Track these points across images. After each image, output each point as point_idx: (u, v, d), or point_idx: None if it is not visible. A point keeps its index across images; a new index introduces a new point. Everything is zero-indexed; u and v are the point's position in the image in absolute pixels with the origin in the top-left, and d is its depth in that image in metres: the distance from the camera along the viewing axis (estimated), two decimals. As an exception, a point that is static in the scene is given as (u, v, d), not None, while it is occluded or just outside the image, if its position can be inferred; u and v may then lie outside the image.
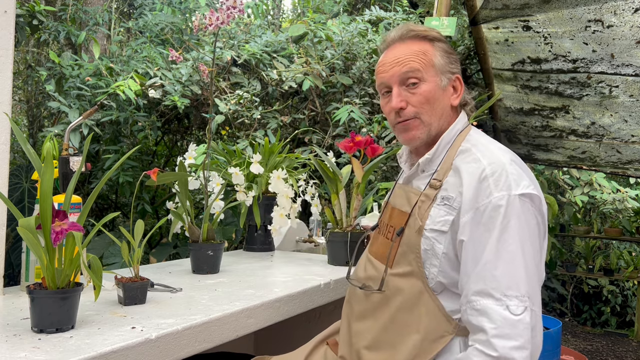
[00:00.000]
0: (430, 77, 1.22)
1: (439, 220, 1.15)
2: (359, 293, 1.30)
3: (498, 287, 1.05)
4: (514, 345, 1.01)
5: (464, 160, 1.18)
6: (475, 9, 2.82)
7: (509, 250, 1.07)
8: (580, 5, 2.42)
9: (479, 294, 1.07)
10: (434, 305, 1.15)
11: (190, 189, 1.74)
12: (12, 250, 3.01)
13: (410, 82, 1.22)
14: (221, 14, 1.56)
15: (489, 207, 1.09)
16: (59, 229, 1.02)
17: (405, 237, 1.20)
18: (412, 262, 1.18)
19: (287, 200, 1.88)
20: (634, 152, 4.13)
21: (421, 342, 1.13)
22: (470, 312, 1.08)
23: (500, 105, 3.93)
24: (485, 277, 1.07)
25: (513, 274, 1.06)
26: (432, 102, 1.23)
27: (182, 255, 3.39)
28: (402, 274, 1.19)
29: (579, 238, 6.24)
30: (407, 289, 1.18)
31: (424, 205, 1.19)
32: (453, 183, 1.17)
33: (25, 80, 5.40)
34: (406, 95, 1.23)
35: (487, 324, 1.04)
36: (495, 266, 1.07)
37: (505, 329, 1.03)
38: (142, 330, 1.06)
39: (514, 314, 1.03)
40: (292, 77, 3.44)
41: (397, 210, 1.27)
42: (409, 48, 1.24)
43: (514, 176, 1.12)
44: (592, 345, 5.32)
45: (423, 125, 1.24)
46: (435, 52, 1.24)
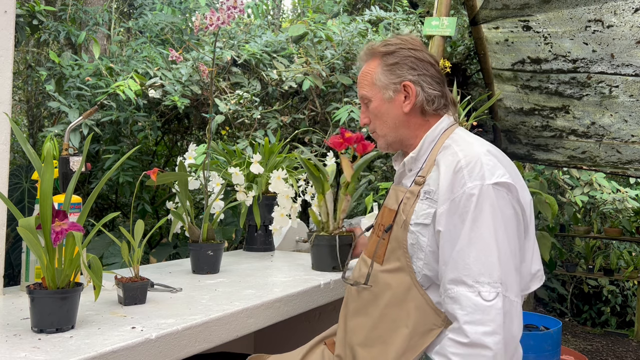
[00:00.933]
0: (375, 95, 1.34)
1: (422, 213, 1.20)
2: (353, 291, 1.34)
3: (470, 274, 1.08)
4: (485, 331, 1.03)
5: (444, 155, 1.24)
6: (475, 9, 2.82)
7: (481, 237, 1.09)
8: (580, 5, 2.42)
9: (453, 281, 1.10)
10: (423, 299, 1.18)
11: (190, 189, 1.74)
12: (12, 250, 3.01)
13: (365, 102, 1.38)
14: (221, 14, 1.56)
15: (463, 197, 1.12)
16: (59, 229, 1.02)
17: (394, 233, 1.25)
18: (401, 257, 1.22)
19: (288, 200, 1.88)
20: (634, 152, 4.13)
21: (410, 336, 1.16)
22: (446, 300, 1.12)
23: (500, 105, 3.93)
24: (458, 264, 1.10)
25: (485, 261, 1.08)
26: (381, 116, 1.35)
27: (182, 255, 3.38)
28: (392, 269, 1.23)
29: (579, 238, 6.24)
30: (395, 285, 1.22)
31: (409, 201, 1.24)
32: (434, 178, 1.22)
33: (25, 80, 5.40)
34: (367, 112, 1.39)
35: (459, 310, 1.07)
36: (468, 254, 1.09)
37: (476, 315, 1.05)
38: (142, 330, 1.06)
39: (486, 299, 1.05)
40: (292, 77, 3.44)
41: (388, 209, 1.33)
42: (363, 70, 1.39)
43: (489, 166, 1.14)
44: (592, 345, 5.32)
45: (381, 137, 1.38)
46: (378, 69, 1.35)
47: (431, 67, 1.32)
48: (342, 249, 1.73)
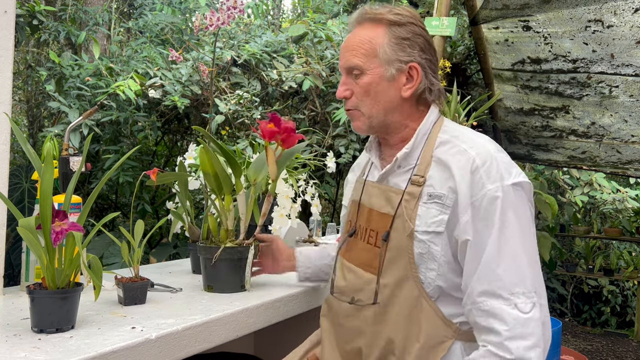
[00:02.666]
0: (372, 68, 1.17)
1: (433, 220, 1.09)
2: (347, 308, 1.20)
3: (504, 286, 1.02)
4: (527, 345, 0.99)
5: (448, 152, 1.13)
6: (475, 9, 2.82)
7: (509, 244, 1.03)
8: (580, 5, 2.42)
9: (485, 294, 1.03)
10: (432, 311, 1.10)
11: (190, 189, 1.74)
12: (12, 250, 3.01)
13: (354, 72, 1.19)
14: (221, 14, 1.56)
15: (484, 200, 1.05)
16: (59, 229, 1.02)
17: (394, 242, 1.12)
18: (404, 267, 1.11)
19: (287, 200, 1.87)
20: (634, 152, 4.13)
21: (422, 350, 1.09)
22: (477, 312, 1.04)
23: (500, 105, 3.93)
24: (488, 276, 1.03)
25: (517, 270, 1.02)
26: (373, 94, 1.18)
27: (182, 255, 3.38)
28: (395, 282, 1.12)
29: (579, 238, 6.24)
30: (402, 298, 1.11)
31: (409, 204, 1.12)
32: (439, 178, 1.11)
33: (25, 80, 5.40)
34: (351, 84, 1.21)
35: (499, 325, 1.01)
36: (498, 264, 1.03)
37: (517, 329, 0.99)
38: (142, 330, 1.06)
39: (523, 312, 1.00)
40: (292, 77, 3.44)
41: (376, 212, 1.18)
42: (359, 35, 1.19)
43: (504, 164, 1.08)
44: (592, 345, 5.32)
45: (364, 117, 1.20)
46: (384, 39, 1.17)
47: (435, 53, 1.22)
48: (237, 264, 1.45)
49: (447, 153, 1.13)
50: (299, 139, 1.34)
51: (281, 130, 1.30)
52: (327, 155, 2.11)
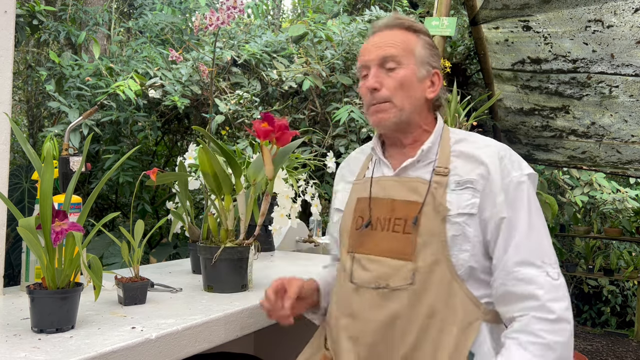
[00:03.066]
0: (408, 64, 1.24)
1: (467, 204, 1.18)
2: (370, 299, 1.20)
3: (538, 257, 1.14)
4: (565, 306, 1.10)
5: (470, 147, 1.24)
6: (475, 9, 2.82)
7: (536, 223, 1.17)
8: (580, 5, 2.42)
9: (520, 264, 1.14)
10: (463, 293, 1.16)
11: (190, 189, 1.74)
12: (12, 250, 3.01)
13: (388, 66, 1.24)
14: (221, 14, 1.56)
15: (511, 184, 1.18)
16: (59, 229, 1.02)
17: (425, 227, 1.18)
18: (437, 251, 1.16)
19: (287, 200, 1.87)
20: (634, 152, 4.13)
21: (458, 333, 1.14)
22: (512, 282, 1.14)
23: (500, 105, 3.93)
24: (523, 248, 1.14)
25: (544, 245, 1.16)
26: (407, 88, 1.24)
27: (182, 255, 3.39)
28: (429, 265, 1.16)
29: (579, 238, 6.24)
30: (436, 281, 1.16)
31: (438, 192, 1.20)
32: (464, 167, 1.21)
33: (25, 80, 5.40)
34: (383, 77, 1.24)
35: (537, 290, 1.11)
36: (529, 239, 1.15)
37: (553, 293, 1.11)
38: (142, 330, 1.06)
39: (554, 278, 1.12)
40: (292, 77, 3.44)
41: (401, 202, 1.23)
42: (393, 35, 1.26)
43: (519, 158, 1.24)
44: (592, 345, 5.32)
45: (395, 109, 1.24)
46: (417, 42, 1.27)
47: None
48: (240, 264, 1.45)
49: (468, 147, 1.24)
50: (293, 136, 1.35)
51: (275, 129, 1.31)
52: (327, 155, 2.11)
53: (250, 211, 1.47)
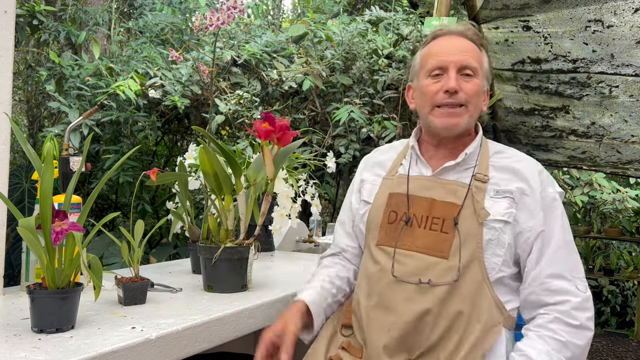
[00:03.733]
0: (479, 76, 1.29)
1: (504, 212, 1.22)
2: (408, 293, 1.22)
3: (568, 270, 1.21)
4: (588, 317, 1.18)
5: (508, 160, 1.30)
6: (475, 9, 2.82)
7: (568, 238, 1.24)
8: (580, 5, 2.42)
9: (552, 276, 1.20)
10: (491, 295, 1.20)
11: (190, 189, 1.74)
12: (12, 250, 3.01)
13: (466, 72, 1.27)
14: (221, 14, 1.56)
15: (547, 199, 1.24)
16: (59, 229, 1.02)
17: (463, 228, 1.22)
18: (472, 252, 1.21)
19: (288, 200, 1.87)
20: (634, 152, 4.13)
21: (481, 332, 1.18)
22: (543, 292, 1.20)
23: (500, 105, 3.93)
24: (554, 261, 1.21)
25: (574, 259, 1.23)
26: (478, 97, 1.29)
27: (182, 255, 3.39)
28: (464, 264, 1.21)
29: (579, 238, 6.23)
30: (469, 279, 1.20)
31: (477, 196, 1.24)
32: (502, 179, 1.26)
33: (25, 80, 5.40)
34: (460, 81, 1.27)
35: (569, 297, 1.18)
36: (562, 252, 1.22)
37: (583, 303, 1.18)
38: (142, 330, 1.06)
39: (582, 291, 1.20)
40: (292, 77, 3.44)
41: (440, 202, 1.27)
42: (467, 45, 1.30)
43: (551, 176, 1.30)
44: (592, 345, 5.32)
45: (468, 115, 1.28)
46: (485, 58, 1.33)
47: None
48: (238, 264, 1.44)
49: (507, 160, 1.30)
50: (294, 136, 1.35)
51: (276, 129, 1.31)
52: (327, 155, 2.11)
53: (251, 211, 1.47)
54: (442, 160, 1.32)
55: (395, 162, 1.40)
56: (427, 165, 1.33)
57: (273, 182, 1.42)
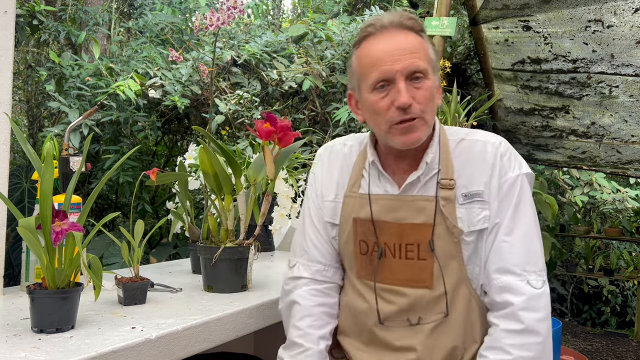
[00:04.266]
0: (431, 74, 1.12)
1: (478, 219, 1.11)
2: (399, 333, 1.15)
3: (518, 263, 1.08)
4: (538, 317, 1.05)
5: (471, 149, 1.16)
6: (475, 9, 2.82)
7: (522, 226, 1.11)
8: (580, 5, 2.42)
9: (500, 271, 1.09)
10: (479, 308, 1.14)
11: (190, 189, 1.74)
12: (12, 250, 3.01)
13: (415, 76, 1.09)
14: (221, 14, 1.56)
15: (504, 186, 1.12)
16: (59, 229, 1.02)
17: (441, 249, 1.11)
18: (457, 271, 1.12)
19: (288, 200, 1.87)
20: (634, 152, 4.13)
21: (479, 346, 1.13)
22: (493, 290, 1.10)
23: (500, 105, 3.93)
24: (504, 254, 1.10)
25: (530, 250, 1.10)
26: (433, 100, 1.12)
27: (182, 255, 3.38)
28: (453, 288, 1.12)
29: (579, 238, 6.24)
30: (459, 302, 1.13)
31: (447, 209, 1.12)
32: (470, 177, 1.13)
33: (25, 80, 5.40)
34: (411, 90, 1.09)
35: (513, 297, 1.06)
36: (513, 242, 1.10)
37: (530, 302, 1.05)
38: (142, 330, 1.06)
39: (535, 287, 1.07)
40: (292, 77, 3.44)
41: (409, 225, 1.14)
42: (409, 39, 1.11)
43: (518, 155, 1.17)
44: (592, 345, 5.31)
45: (425, 126, 1.12)
46: (429, 46, 1.14)
47: None
48: (238, 264, 1.43)
49: (470, 150, 1.16)
50: (295, 137, 1.34)
51: (277, 129, 1.30)
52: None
53: (251, 211, 1.47)
54: (407, 173, 1.17)
55: (355, 175, 1.23)
56: (391, 181, 1.18)
57: (273, 182, 1.41)
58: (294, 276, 1.25)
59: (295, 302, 1.22)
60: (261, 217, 1.44)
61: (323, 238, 1.25)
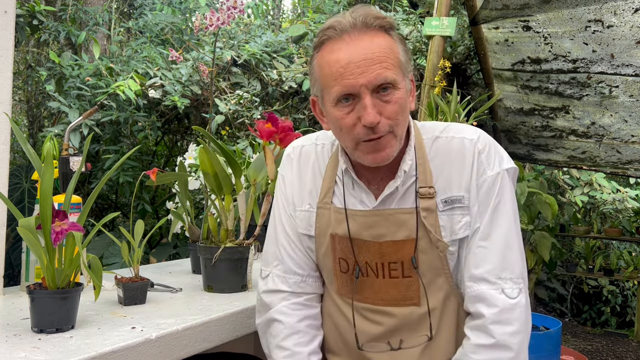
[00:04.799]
0: (400, 82, 0.99)
1: (459, 226, 1.04)
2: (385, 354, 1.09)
3: (492, 270, 1.01)
4: (511, 331, 0.98)
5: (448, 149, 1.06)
6: (475, 9, 2.82)
7: (502, 229, 1.03)
8: (580, 5, 2.42)
9: (473, 279, 1.03)
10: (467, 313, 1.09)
11: (190, 189, 1.74)
12: (12, 250, 3.00)
13: (383, 87, 0.97)
14: (221, 14, 1.56)
15: (484, 185, 1.04)
16: (59, 229, 1.02)
17: (425, 264, 1.05)
18: (444, 285, 1.07)
19: (287, 200, 1.87)
20: (634, 152, 4.13)
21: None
22: (467, 299, 1.04)
23: (500, 105, 3.93)
24: (478, 260, 1.02)
25: (507, 255, 1.02)
26: (404, 111, 1.01)
27: (182, 255, 3.39)
28: (442, 303, 1.08)
29: (579, 238, 6.24)
30: (448, 316, 1.08)
31: (429, 220, 1.04)
32: (449, 180, 1.05)
33: (25, 80, 5.40)
34: (378, 105, 0.97)
35: (485, 309, 1.00)
36: (489, 248, 1.02)
37: (503, 314, 0.99)
38: (142, 330, 1.06)
39: (510, 297, 0.99)
40: (292, 77, 3.44)
41: (390, 242, 1.05)
42: (376, 43, 0.97)
43: (500, 149, 1.08)
44: (592, 345, 5.32)
45: (395, 141, 1.01)
46: (398, 47, 1.01)
47: None
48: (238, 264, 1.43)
49: (447, 149, 1.06)
50: (296, 137, 1.33)
51: (279, 130, 1.29)
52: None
53: (251, 211, 1.47)
54: (382, 182, 1.07)
55: (327, 182, 1.13)
56: (367, 191, 1.08)
57: (274, 183, 1.40)
58: (269, 289, 1.16)
59: (275, 320, 1.14)
60: (261, 217, 1.44)
61: (298, 248, 1.16)
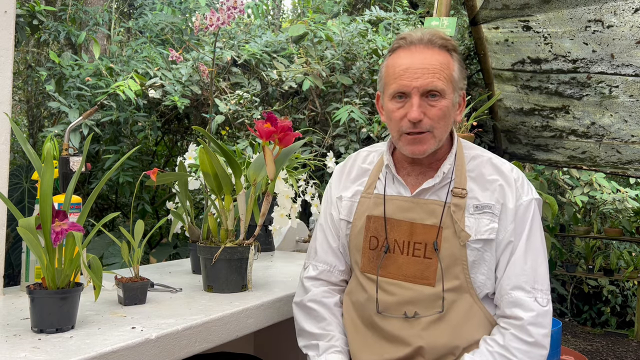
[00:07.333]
0: (449, 93, 1.21)
1: (486, 229, 1.20)
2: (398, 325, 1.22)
3: (528, 281, 1.18)
4: (544, 333, 1.15)
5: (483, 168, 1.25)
6: (475, 9, 2.82)
7: (534, 248, 1.21)
8: (580, 5, 2.42)
9: (512, 287, 1.18)
10: (482, 314, 1.21)
11: (190, 189, 1.74)
12: (12, 250, 3.01)
13: (431, 93, 1.19)
14: (221, 14, 1.56)
15: (520, 208, 1.21)
16: (59, 229, 1.02)
17: (446, 251, 1.20)
18: (459, 275, 1.20)
19: (288, 200, 1.87)
20: (634, 152, 4.13)
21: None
22: (505, 304, 1.18)
23: (500, 105, 3.93)
24: (517, 272, 1.19)
25: (538, 271, 1.20)
26: (447, 118, 1.21)
27: (182, 255, 3.39)
28: (454, 289, 1.20)
29: (579, 238, 6.24)
30: (460, 305, 1.20)
31: (456, 215, 1.21)
32: (481, 191, 1.23)
33: (25, 80, 5.39)
34: (424, 106, 1.19)
35: (522, 312, 1.15)
36: (525, 262, 1.19)
37: (538, 318, 1.15)
38: (142, 330, 1.06)
39: (542, 305, 1.16)
40: (292, 77, 3.44)
41: (420, 225, 1.23)
42: (435, 57, 1.20)
43: (528, 182, 1.27)
44: (592, 345, 5.31)
45: (434, 140, 1.22)
46: (454, 65, 1.23)
47: None
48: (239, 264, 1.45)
49: (483, 167, 1.26)
50: (295, 137, 1.35)
51: (278, 130, 1.31)
52: (327, 155, 2.11)
53: (251, 211, 1.47)
54: (420, 177, 1.28)
55: (372, 177, 1.35)
56: (404, 185, 1.28)
57: (274, 182, 1.42)
58: (308, 276, 1.38)
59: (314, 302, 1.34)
60: (261, 217, 1.45)
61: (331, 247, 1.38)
